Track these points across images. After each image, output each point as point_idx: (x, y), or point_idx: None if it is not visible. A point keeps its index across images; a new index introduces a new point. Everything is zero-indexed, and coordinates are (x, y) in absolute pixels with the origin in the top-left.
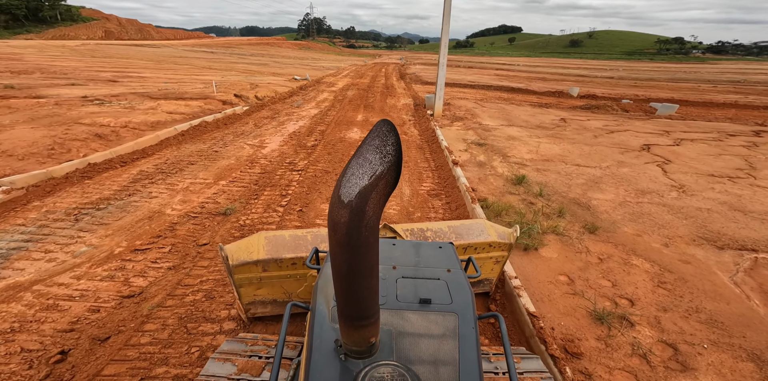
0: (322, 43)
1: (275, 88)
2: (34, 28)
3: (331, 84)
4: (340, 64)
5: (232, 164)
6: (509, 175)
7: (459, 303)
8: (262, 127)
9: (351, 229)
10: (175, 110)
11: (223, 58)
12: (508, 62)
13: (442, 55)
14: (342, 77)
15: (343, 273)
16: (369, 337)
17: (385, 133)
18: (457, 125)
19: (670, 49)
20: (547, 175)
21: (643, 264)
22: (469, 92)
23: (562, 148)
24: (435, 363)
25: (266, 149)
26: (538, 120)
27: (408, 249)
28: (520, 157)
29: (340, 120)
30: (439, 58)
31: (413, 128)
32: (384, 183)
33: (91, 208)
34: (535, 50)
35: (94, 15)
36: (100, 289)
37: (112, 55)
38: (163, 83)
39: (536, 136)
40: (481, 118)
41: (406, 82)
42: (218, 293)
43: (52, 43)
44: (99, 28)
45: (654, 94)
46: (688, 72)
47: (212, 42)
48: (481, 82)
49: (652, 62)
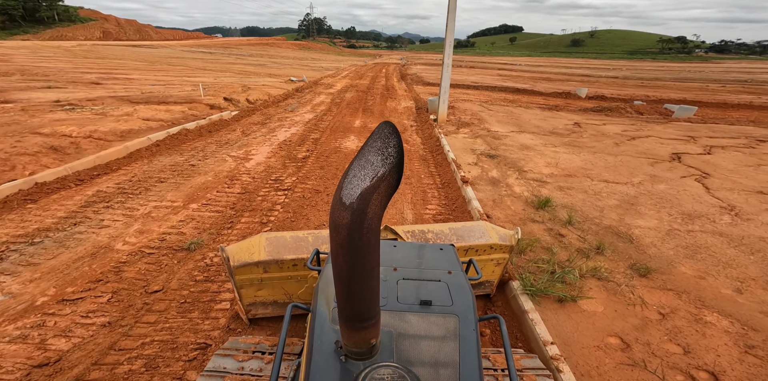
0: (322, 44)
1: (269, 91)
2: (31, 28)
3: (329, 85)
4: (339, 64)
5: (208, 182)
6: (529, 195)
7: (460, 305)
8: (250, 135)
9: (352, 231)
10: (152, 116)
11: (221, 59)
12: (509, 62)
13: (447, 56)
14: (341, 78)
15: (344, 274)
16: (369, 339)
17: (386, 135)
18: (464, 132)
19: (673, 48)
20: (573, 195)
21: (719, 320)
22: (472, 94)
23: (583, 159)
24: (435, 365)
25: (251, 162)
26: (551, 125)
27: (409, 251)
28: (538, 171)
29: (336, 126)
30: (444, 58)
31: (415, 135)
32: (386, 185)
33: (23, 242)
34: (536, 50)
35: (92, 15)
36: (5, 354)
37: (106, 56)
38: (150, 85)
39: (552, 144)
40: (489, 124)
41: (407, 83)
42: (164, 361)
43: (47, 44)
44: (97, 29)
45: (664, 94)
46: (693, 71)
47: (211, 42)
48: (485, 82)
49: (655, 61)
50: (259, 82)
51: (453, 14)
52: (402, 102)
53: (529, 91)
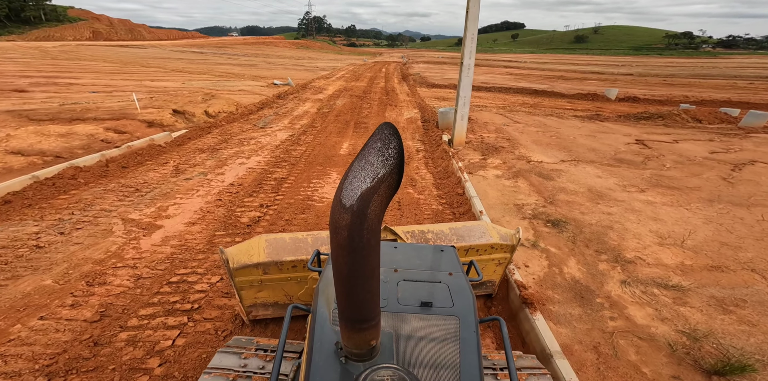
0: (321, 42)
1: (241, 99)
2: (17, 29)
3: (320, 89)
4: (337, 63)
5: (43, 289)
6: (668, 332)
7: (460, 306)
8: (182, 174)
9: (352, 232)
10: (30, 147)
11: (210, 59)
12: (514, 59)
13: (467, 54)
14: (335, 80)
15: (345, 275)
16: (370, 340)
17: (387, 136)
18: (495, 165)
19: (679, 44)
20: (756, 334)
21: None
22: (485, 97)
23: (704, 218)
24: (436, 366)
25: (155, 235)
26: (608, 145)
27: (409, 252)
28: (652, 258)
29: (316, 154)
30: (463, 57)
31: (424, 169)
32: (386, 186)
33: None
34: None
35: (82, 15)
36: None
37: (82, 57)
38: (89, 93)
39: (634, 185)
40: (525, 147)
41: (409, 84)
42: None
43: (28, 45)
44: (86, 29)
45: (701, 94)
46: (706, 67)
47: (205, 42)
48: (496, 82)
49: (662, 57)
50: (235, 87)
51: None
52: (404, 111)
53: (549, 92)
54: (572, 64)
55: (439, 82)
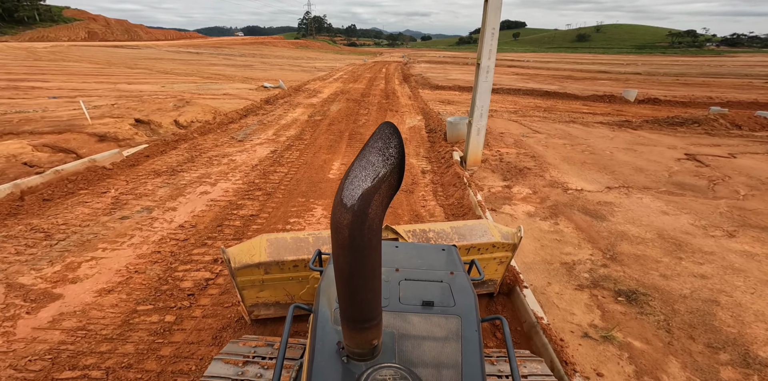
0: (321, 42)
1: (222, 106)
2: (10, 29)
3: (314, 92)
4: (336, 63)
5: None
6: None
7: (462, 306)
8: (119, 211)
9: (353, 232)
10: None
11: (204, 60)
12: (516, 58)
13: (486, 53)
14: (332, 81)
15: (346, 275)
16: (371, 340)
17: (387, 135)
18: (523, 196)
19: (683, 42)
20: None
21: None
22: (494, 99)
23: None
24: (437, 366)
25: (38, 317)
26: (656, 163)
27: (411, 251)
28: None
29: (299, 178)
30: (479, 57)
31: (432, 199)
32: (386, 186)
33: None
34: (541, 45)
35: (78, 15)
36: None
37: (68, 58)
38: (49, 98)
39: (717, 227)
40: (556, 167)
41: (411, 86)
42: None
43: (18, 45)
44: (82, 29)
45: (724, 94)
46: (714, 66)
47: (203, 42)
48: (504, 83)
49: (666, 56)
50: (220, 91)
51: None
52: (406, 117)
53: (561, 94)
54: (576, 63)
55: (443, 84)
